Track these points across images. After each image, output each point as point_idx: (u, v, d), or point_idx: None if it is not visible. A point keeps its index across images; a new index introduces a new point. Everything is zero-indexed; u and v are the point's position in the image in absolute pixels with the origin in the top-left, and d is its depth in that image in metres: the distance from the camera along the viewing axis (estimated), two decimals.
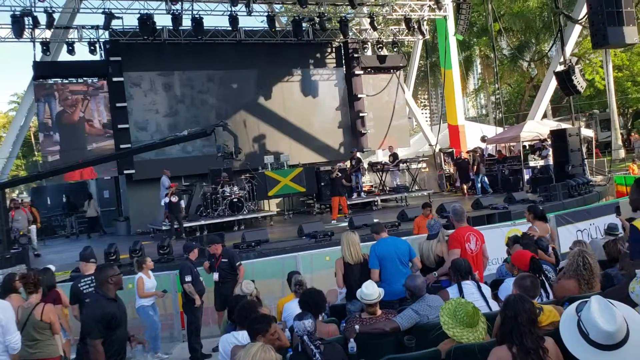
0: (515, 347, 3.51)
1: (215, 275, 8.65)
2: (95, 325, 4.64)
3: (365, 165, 21.27)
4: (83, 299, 6.68)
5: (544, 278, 5.65)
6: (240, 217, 16.85)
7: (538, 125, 21.96)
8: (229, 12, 19.13)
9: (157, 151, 17.01)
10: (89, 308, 5.13)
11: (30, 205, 17.71)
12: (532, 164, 21.17)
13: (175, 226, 15.43)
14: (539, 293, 4.99)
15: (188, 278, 8.05)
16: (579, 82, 17.79)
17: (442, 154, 24.10)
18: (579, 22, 20.45)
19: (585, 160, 19.39)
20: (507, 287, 5.48)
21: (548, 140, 19.85)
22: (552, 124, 22.71)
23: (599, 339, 2.89)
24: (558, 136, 18.16)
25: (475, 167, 20.13)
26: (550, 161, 19.37)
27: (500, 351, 3.59)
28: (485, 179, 19.86)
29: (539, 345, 3.51)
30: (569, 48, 21.62)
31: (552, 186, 15.97)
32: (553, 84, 21.63)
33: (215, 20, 23.99)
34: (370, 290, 5.17)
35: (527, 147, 22.59)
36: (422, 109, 43.22)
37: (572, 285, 5.25)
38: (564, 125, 20.90)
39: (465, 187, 20.64)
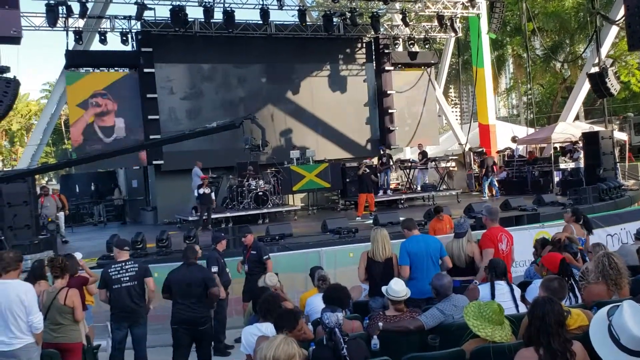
0: (542, 349, 3.46)
1: (245, 267, 8.73)
2: None
3: (392, 163, 21.14)
4: (111, 284, 6.75)
5: (573, 282, 5.55)
6: (265, 210, 16.91)
7: (570, 127, 21.60)
8: (260, 6, 19.19)
9: (185, 143, 17.13)
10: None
11: (59, 192, 17.99)
12: (562, 166, 20.82)
13: (204, 217, 15.55)
14: (566, 295, 4.92)
15: (214, 269, 8.08)
16: (613, 85, 17.44)
17: (471, 153, 23.84)
18: (616, 23, 20.01)
19: (618, 164, 18.99)
20: (535, 289, 5.40)
21: (580, 142, 19.50)
22: (585, 126, 22.34)
23: (631, 345, 2.82)
24: (590, 139, 17.82)
25: (484, 170, 19.93)
26: (581, 164, 19.02)
27: (526, 352, 3.55)
28: (495, 182, 19.65)
29: (567, 348, 3.46)
30: (605, 49, 21.16)
31: (583, 189, 15.71)
32: (586, 85, 21.23)
33: (247, 13, 24.13)
34: (399, 287, 5.13)
35: (558, 149, 22.22)
36: (452, 107, 42.88)
37: (600, 289, 5.17)
38: (596, 128, 20.52)
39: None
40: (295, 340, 3.40)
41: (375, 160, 20.04)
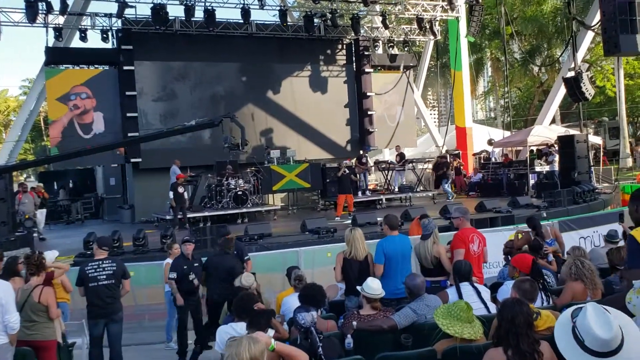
0: (511, 350, 3.53)
1: None
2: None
3: (372, 164, 21.28)
4: (87, 282, 6.73)
5: (543, 283, 5.68)
6: (244, 210, 16.88)
7: (546, 130, 21.89)
8: (241, 5, 19.19)
9: (164, 141, 17.07)
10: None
11: (42, 189, 17.79)
12: (538, 169, 21.10)
13: (179, 216, 15.50)
14: (537, 297, 5.02)
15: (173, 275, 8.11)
16: (587, 89, 17.74)
17: (448, 155, 24.08)
18: (592, 28, 20.35)
19: (592, 167, 19.32)
20: (506, 290, 5.51)
21: (555, 145, 19.80)
22: (560, 130, 22.64)
23: (594, 346, 2.89)
24: (566, 142, 18.10)
25: (441, 172, 20.37)
26: (557, 167, 19.33)
27: (494, 353, 3.61)
28: (447, 186, 20.03)
29: (535, 349, 3.53)
30: (581, 54, 21.53)
31: (557, 192, 15.94)
32: (562, 89, 21.57)
33: (228, 12, 24.09)
34: (376, 285, 5.21)
35: (534, 152, 22.54)
36: (430, 110, 43.16)
37: (579, 286, 5.48)
38: (572, 132, 20.84)
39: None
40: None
41: (354, 161, 20.12)
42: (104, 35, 18.81)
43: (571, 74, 18.33)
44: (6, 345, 5.21)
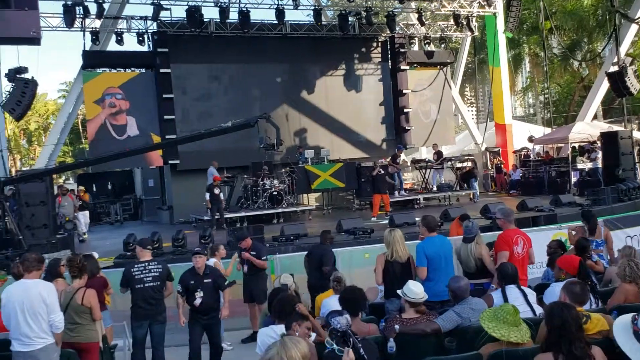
0: (562, 356, 3.42)
1: (245, 268, 8.73)
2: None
3: (409, 163, 21.06)
4: (134, 283, 6.79)
5: (591, 285, 5.49)
6: (280, 210, 16.92)
7: (588, 127, 21.37)
8: (275, 6, 19.22)
9: (200, 142, 17.17)
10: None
11: (84, 191, 18.14)
12: (580, 166, 20.60)
13: (217, 217, 15.60)
14: (588, 299, 4.85)
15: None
16: (632, 84, 17.25)
17: (487, 153, 23.68)
18: (636, 21, 19.75)
19: (637, 164, 18.72)
20: (553, 292, 5.35)
21: (598, 142, 19.28)
22: (603, 126, 22.09)
23: None
24: (609, 138, 17.59)
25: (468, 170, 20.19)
26: (599, 164, 18.83)
27: (544, 358, 3.51)
28: (475, 184, 19.86)
29: (587, 353, 3.42)
30: (624, 48, 20.87)
31: (601, 190, 15.53)
32: (605, 84, 21.00)
33: (262, 13, 24.21)
34: (418, 289, 5.09)
35: (576, 149, 21.99)
36: (468, 107, 42.58)
37: (633, 288, 5.31)
38: (615, 128, 20.26)
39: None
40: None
41: (388, 160, 19.92)
42: (140, 38, 19.05)
43: (615, 68, 17.82)
44: (52, 345, 5.30)
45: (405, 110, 22.73)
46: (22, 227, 11.54)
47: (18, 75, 12.52)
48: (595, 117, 26.95)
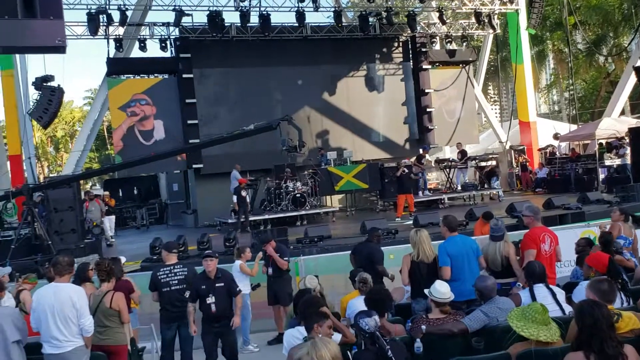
0: (594, 355, 3.36)
1: (270, 270, 8.76)
2: None
3: (432, 162, 20.91)
4: (161, 287, 6.87)
5: (622, 282, 5.37)
6: (303, 212, 16.93)
7: (615, 123, 20.97)
8: (295, 8, 19.27)
9: (223, 146, 17.32)
10: None
11: (109, 196, 18.47)
12: (607, 162, 20.21)
13: (242, 219, 15.68)
14: (615, 297, 4.74)
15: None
16: None
17: (512, 151, 23.40)
18: None
19: None
20: (582, 290, 5.25)
21: (626, 138, 18.93)
22: (631, 121, 21.70)
23: None
24: (637, 134, 17.27)
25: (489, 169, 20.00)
26: (628, 160, 18.47)
27: (574, 357, 3.46)
28: (497, 184, 19.65)
29: (620, 352, 3.36)
30: None
31: (631, 186, 15.25)
32: (632, 79, 20.63)
33: (282, 16, 24.23)
34: (444, 289, 5.05)
35: (603, 145, 21.61)
36: (492, 105, 42.20)
37: None
38: None
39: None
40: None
41: (413, 160, 19.82)
42: (163, 44, 19.31)
43: None
44: (82, 347, 5.37)
45: (428, 109, 22.60)
46: (50, 232, 11.77)
47: (45, 84, 12.72)
48: (622, 113, 26.45)
